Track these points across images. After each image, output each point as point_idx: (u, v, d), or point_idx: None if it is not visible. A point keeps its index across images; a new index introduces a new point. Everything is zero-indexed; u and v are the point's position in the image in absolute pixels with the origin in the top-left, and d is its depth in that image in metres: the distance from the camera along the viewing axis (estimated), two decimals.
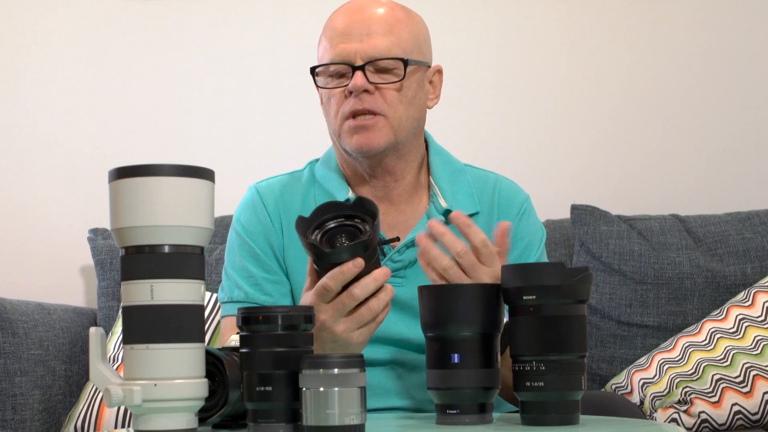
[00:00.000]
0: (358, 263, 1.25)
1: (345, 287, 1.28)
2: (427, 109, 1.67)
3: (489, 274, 1.35)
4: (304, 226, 1.30)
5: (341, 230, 1.30)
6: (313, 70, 1.61)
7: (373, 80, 1.56)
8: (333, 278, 1.27)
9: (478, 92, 2.67)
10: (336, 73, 1.59)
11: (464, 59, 2.65)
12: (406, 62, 1.58)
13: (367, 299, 1.29)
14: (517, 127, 2.68)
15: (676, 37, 2.70)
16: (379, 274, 1.28)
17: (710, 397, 2.01)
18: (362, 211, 1.30)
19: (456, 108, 2.57)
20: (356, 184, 1.66)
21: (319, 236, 1.29)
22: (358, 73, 1.55)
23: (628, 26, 2.70)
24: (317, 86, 1.62)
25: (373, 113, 1.56)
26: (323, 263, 1.28)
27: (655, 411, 2.05)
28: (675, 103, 2.69)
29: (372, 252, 1.28)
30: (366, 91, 1.55)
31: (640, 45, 2.70)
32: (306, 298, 1.33)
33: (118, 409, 2.12)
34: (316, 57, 1.67)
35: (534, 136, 2.68)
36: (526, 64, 2.69)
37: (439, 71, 1.69)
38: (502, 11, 2.69)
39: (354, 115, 1.56)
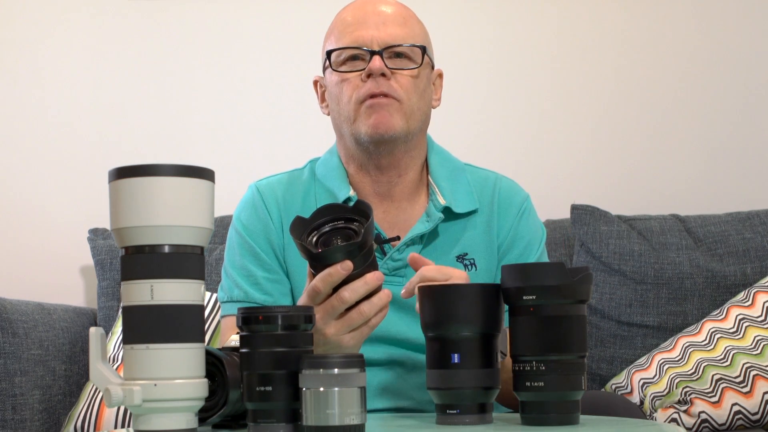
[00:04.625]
0: (346, 266, 1.24)
1: (336, 289, 1.28)
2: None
3: None
4: (300, 227, 1.29)
5: (338, 232, 1.29)
6: (329, 53, 1.62)
7: (391, 66, 1.58)
8: (322, 280, 1.26)
9: (477, 92, 2.67)
10: (350, 59, 1.60)
11: (464, 59, 2.65)
12: (424, 49, 1.61)
13: (359, 303, 1.28)
14: (516, 127, 2.68)
15: (676, 37, 2.70)
16: (371, 278, 1.27)
17: (710, 397, 2.01)
18: (360, 214, 1.29)
19: (456, 108, 2.57)
20: (358, 181, 1.66)
21: (315, 238, 1.29)
22: (376, 57, 1.57)
23: (627, 26, 2.70)
24: (334, 70, 1.61)
25: (388, 97, 1.57)
26: (316, 265, 1.28)
27: (655, 411, 2.05)
28: (675, 103, 2.69)
29: (367, 254, 1.27)
30: (383, 75, 1.57)
31: (639, 45, 2.70)
32: (301, 300, 1.33)
33: (118, 409, 2.12)
34: (320, 57, 1.67)
35: (534, 136, 2.67)
36: (525, 64, 2.69)
37: (440, 75, 1.72)
38: (501, 11, 2.69)
39: (370, 97, 1.57)
